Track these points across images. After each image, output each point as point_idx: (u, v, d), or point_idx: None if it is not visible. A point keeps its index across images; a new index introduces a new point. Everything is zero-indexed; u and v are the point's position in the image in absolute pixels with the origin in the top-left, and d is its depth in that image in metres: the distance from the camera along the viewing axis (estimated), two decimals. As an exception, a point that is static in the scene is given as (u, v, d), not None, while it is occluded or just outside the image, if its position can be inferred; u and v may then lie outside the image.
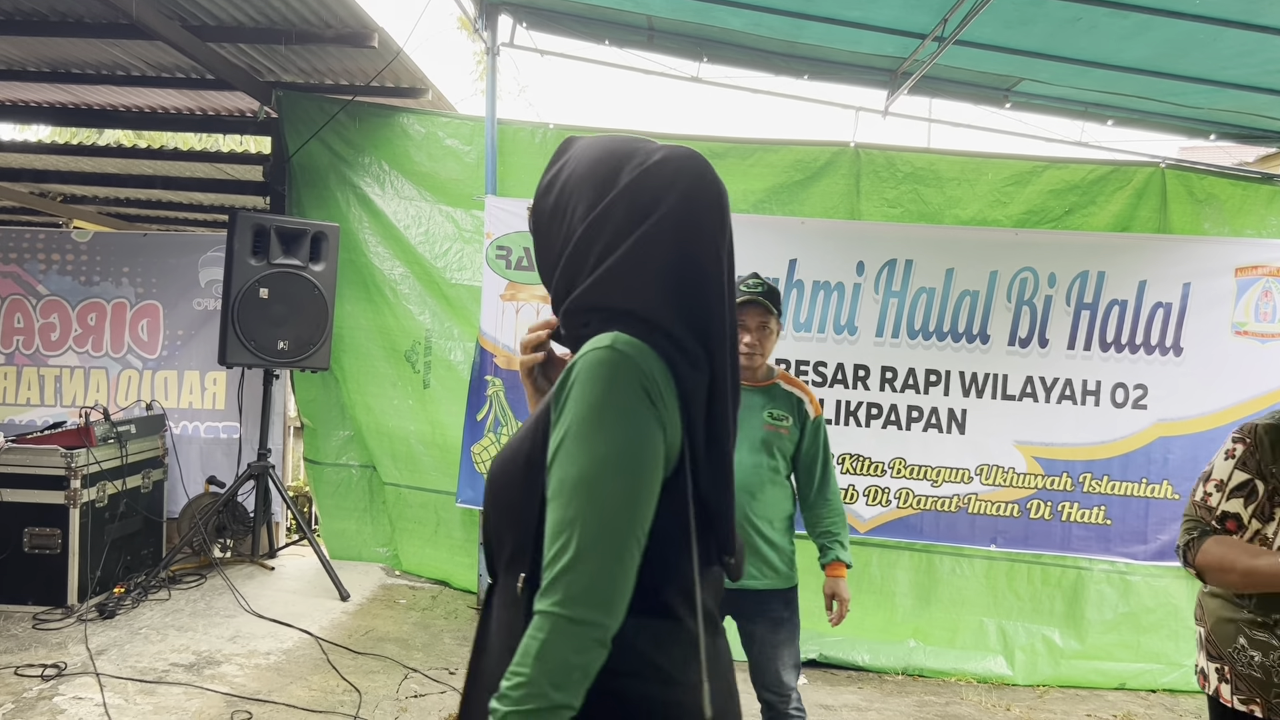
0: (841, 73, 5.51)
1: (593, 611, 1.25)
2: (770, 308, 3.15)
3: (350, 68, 5.71)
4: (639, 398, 1.30)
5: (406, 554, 5.90)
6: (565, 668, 1.24)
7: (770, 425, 3.21)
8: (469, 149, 5.65)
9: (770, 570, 3.21)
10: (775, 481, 3.24)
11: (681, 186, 1.42)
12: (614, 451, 1.28)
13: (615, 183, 1.41)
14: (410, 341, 5.71)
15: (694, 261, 1.39)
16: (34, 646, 4.35)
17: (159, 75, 5.99)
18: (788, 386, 3.30)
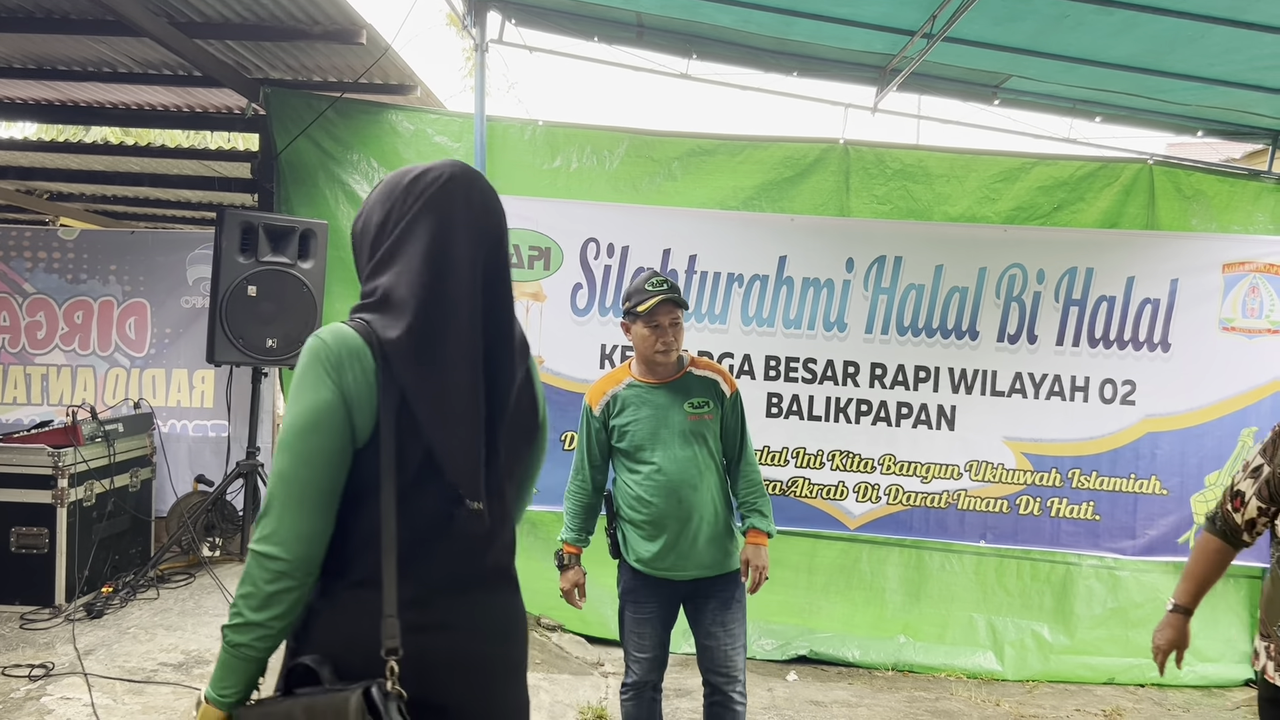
0: (830, 69, 5.51)
1: (275, 548, 1.55)
2: (680, 302, 3.24)
3: (339, 64, 5.68)
4: (317, 374, 1.58)
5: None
6: (259, 593, 1.56)
7: (694, 415, 3.29)
8: (458, 146, 5.64)
9: (720, 555, 3.32)
10: (710, 467, 3.34)
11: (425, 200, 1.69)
12: (294, 419, 1.58)
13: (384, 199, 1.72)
14: (399, 339, 5.69)
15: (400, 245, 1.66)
16: (21, 647, 4.32)
17: (146, 72, 5.96)
18: (700, 371, 3.39)
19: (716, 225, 5.49)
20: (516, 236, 5.40)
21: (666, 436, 3.27)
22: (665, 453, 3.27)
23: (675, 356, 3.30)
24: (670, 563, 3.29)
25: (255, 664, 1.62)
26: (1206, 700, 5.34)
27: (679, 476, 3.26)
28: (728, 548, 3.35)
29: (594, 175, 5.60)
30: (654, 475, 3.26)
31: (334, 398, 1.58)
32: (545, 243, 5.42)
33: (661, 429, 3.28)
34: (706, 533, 3.29)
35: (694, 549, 3.27)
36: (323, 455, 1.58)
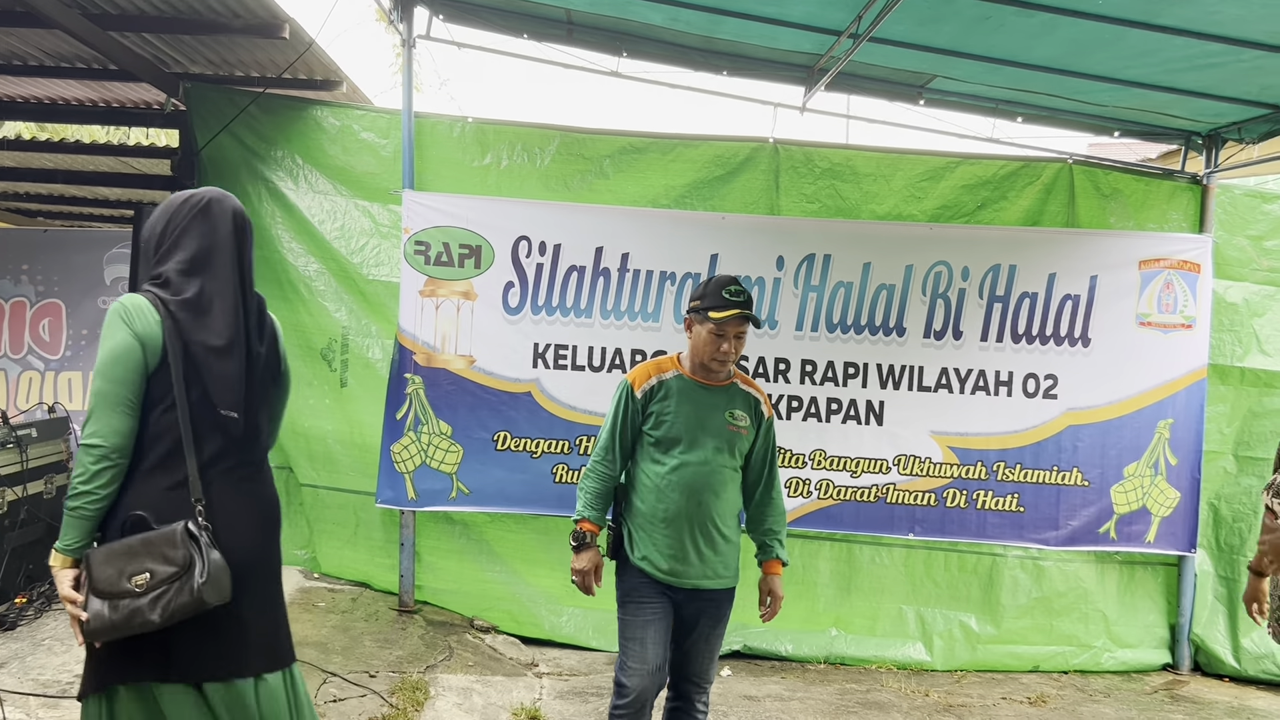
0: (760, 69, 5.55)
1: (97, 440, 2.29)
2: (753, 319, 3.22)
3: (261, 59, 5.56)
4: (117, 324, 2.35)
5: (325, 556, 5.78)
6: (87, 472, 2.29)
7: (732, 426, 3.25)
8: (385, 142, 5.55)
9: (725, 570, 3.29)
10: (734, 480, 3.32)
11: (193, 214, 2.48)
12: (104, 354, 2.35)
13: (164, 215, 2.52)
14: (326, 339, 5.59)
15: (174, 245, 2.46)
16: (-71, 662, 4.15)
17: (59, 65, 5.77)
18: (745, 387, 3.37)
19: (649, 223, 5.49)
20: (445, 235, 5.34)
21: (703, 437, 3.22)
22: (697, 452, 3.21)
23: (730, 368, 3.29)
24: (677, 568, 3.20)
25: (90, 521, 2.32)
26: (1126, 685, 5.50)
27: (704, 478, 3.21)
28: (733, 563, 3.32)
29: (525, 173, 5.56)
30: (680, 470, 3.20)
31: (130, 339, 2.34)
32: (476, 240, 5.36)
33: (700, 428, 3.22)
34: (719, 544, 3.24)
35: (701, 557, 3.21)
36: (124, 377, 2.34)
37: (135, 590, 2.26)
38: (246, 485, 2.48)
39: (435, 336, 5.36)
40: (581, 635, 5.47)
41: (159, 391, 2.36)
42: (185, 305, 2.40)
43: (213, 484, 2.39)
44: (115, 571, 2.27)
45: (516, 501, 5.40)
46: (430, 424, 5.37)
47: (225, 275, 2.46)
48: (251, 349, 2.48)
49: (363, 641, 4.90)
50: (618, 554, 3.33)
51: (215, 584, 2.28)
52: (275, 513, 2.56)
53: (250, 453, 2.50)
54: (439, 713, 4.19)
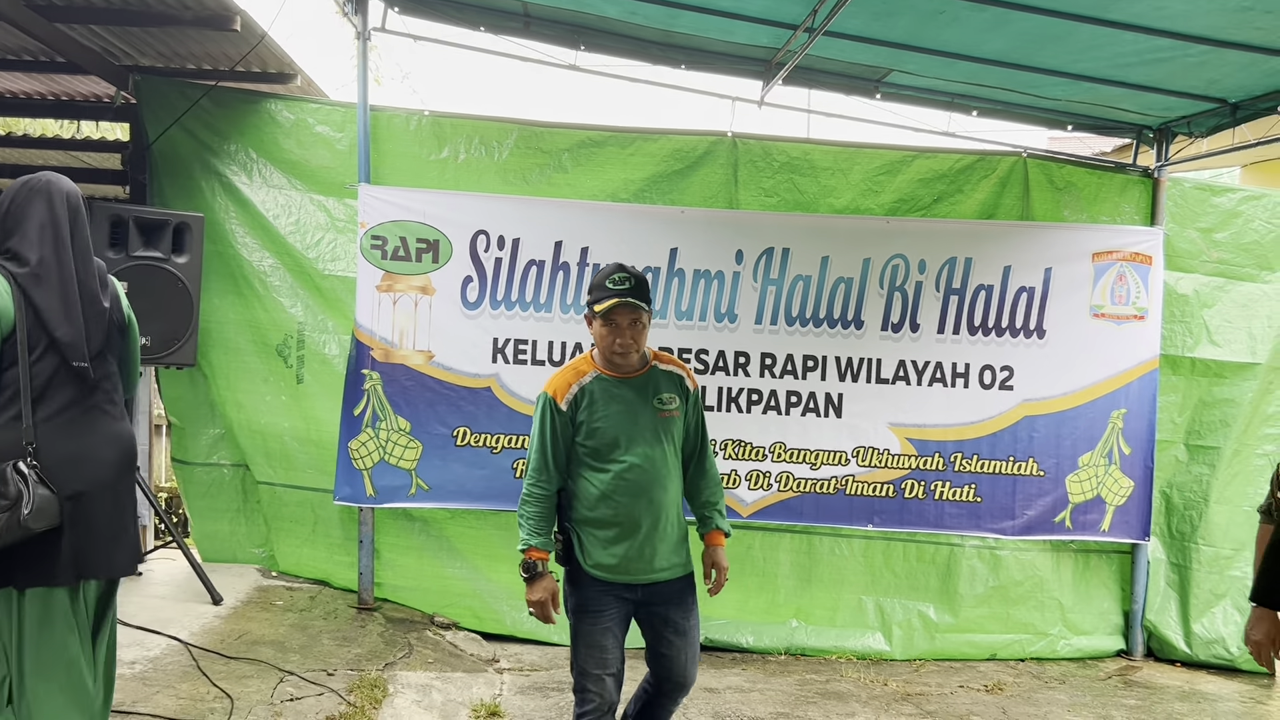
0: (717, 62, 5.55)
1: None
2: (638, 304, 3.12)
3: (213, 52, 5.47)
4: None
5: (283, 554, 5.72)
6: None
7: (663, 412, 3.23)
8: (341, 136, 5.49)
9: (678, 556, 3.25)
10: (676, 468, 3.27)
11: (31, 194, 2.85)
12: None
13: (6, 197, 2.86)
14: (282, 335, 5.52)
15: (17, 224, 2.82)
16: None
17: (5, 58, 5.64)
18: (665, 366, 3.30)
19: (608, 217, 5.48)
20: (402, 229, 5.29)
21: (638, 434, 3.16)
22: (638, 451, 3.14)
23: (636, 357, 3.19)
24: (632, 566, 3.15)
25: None
26: (1081, 672, 5.58)
27: (651, 476, 3.15)
28: (686, 550, 3.28)
29: (483, 166, 5.53)
30: (625, 475, 3.13)
31: None
32: (433, 235, 5.32)
33: (633, 426, 3.16)
34: (672, 535, 3.20)
35: (657, 552, 3.16)
36: None
37: None
38: (102, 425, 2.88)
39: (393, 332, 5.32)
40: (542, 630, 5.44)
41: (8, 354, 2.73)
42: (30, 276, 2.77)
43: (63, 427, 2.79)
44: None
45: (477, 497, 5.38)
46: (388, 420, 5.33)
47: (62, 247, 2.84)
48: (91, 306, 2.85)
49: (321, 640, 4.86)
50: (569, 561, 3.25)
51: (40, 513, 2.70)
52: (129, 447, 2.97)
53: (97, 395, 2.88)
54: (398, 710, 4.16)
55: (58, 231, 2.84)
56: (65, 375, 2.78)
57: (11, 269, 2.77)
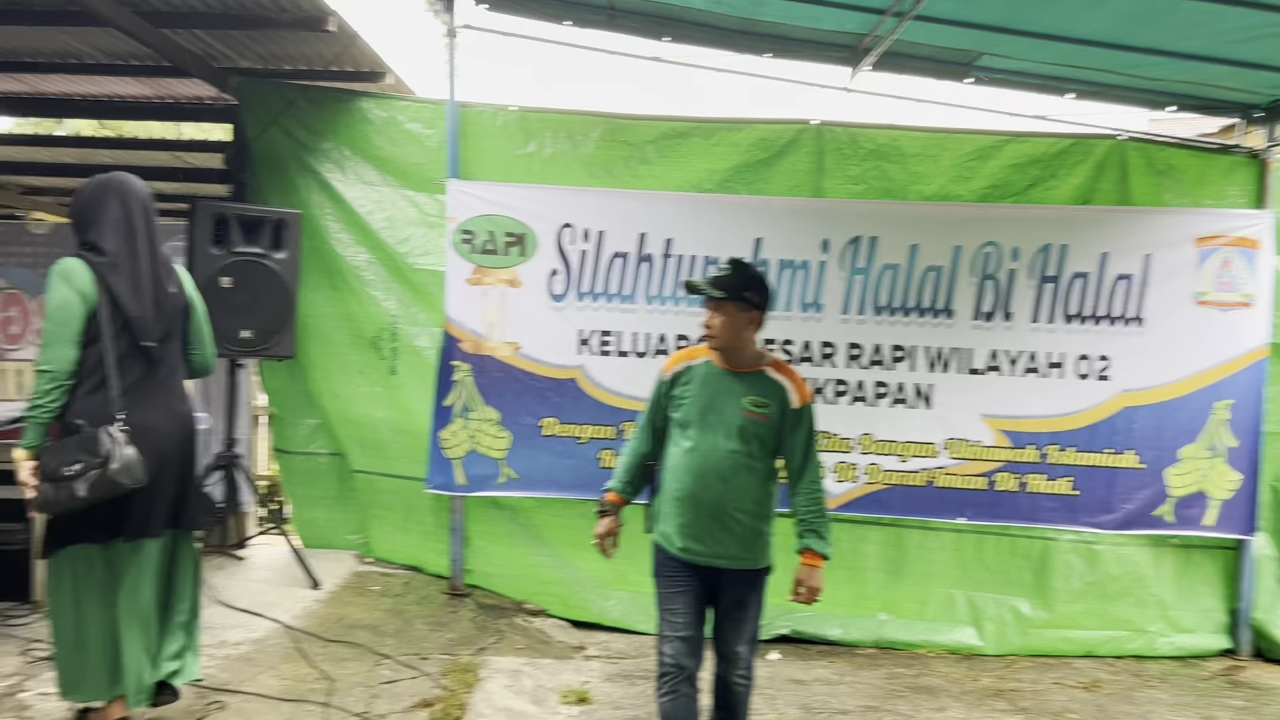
0: (803, 50, 5.49)
1: (46, 366, 3.12)
2: (715, 297, 3.25)
3: (308, 52, 5.64)
4: (59, 282, 3.16)
5: (378, 541, 5.89)
6: (42, 390, 3.12)
7: (748, 412, 3.25)
8: (431, 132, 5.60)
9: (743, 552, 3.31)
10: (750, 467, 3.29)
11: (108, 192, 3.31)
12: (51, 305, 3.14)
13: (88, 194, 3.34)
14: (376, 328, 5.67)
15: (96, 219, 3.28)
16: (1, 642, 4.31)
17: (114, 63, 5.90)
18: (775, 375, 3.33)
19: (692, 208, 5.48)
20: (491, 223, 5.38)
21: (714, 422, 3.27)
22: (705, 436, 3.27)
23: (721, 345, 3.29)
24: (691, 546, 3.29)
25: (44, 427, 3.16)
26: (1183, 670, 5.40)
27: (710, 463, 3.26)
28: (753, 548, 3.33)
29: (568, 160, 5.58)
30: (690, 453, 3.29)
31: (70, 293, 3.15)
32: (520, 229, 5.40)
33: (711, 412, 3.28)
34: (738, 530, 3.28)
35: (712, 538, 3.27)
36: (67, 320, 3.14)
37: (69, 475, 3.09)
38: (161, 400, 3.31)
39: (482, 324, 5.41)
40: (630, 619, 5.50)
41: (94, 331, 3.16)
42: (108, 265, 3.20)
43: (134, 399, 3.20)
44: (56, 462, 3.10)
45: (563, 486, 5.45)
46: (478, 410, 5.43)
47: (134, 239, 3.25)
48: (160, 292, 3.30)
49: (415, 625, 4.99)
50: (650, 529, 3.47)
51: (127, 470, 3.10)
52: (190, 422, 3.43)
53: (168, 373, 3.35)
54: (489, 694, 4.25)
55: (130, 226, 3.26)
56: (135, 353, 3.23)
57: (91, 258, 3.19)
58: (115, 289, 3.19)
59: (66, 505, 3.11)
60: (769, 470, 3.34)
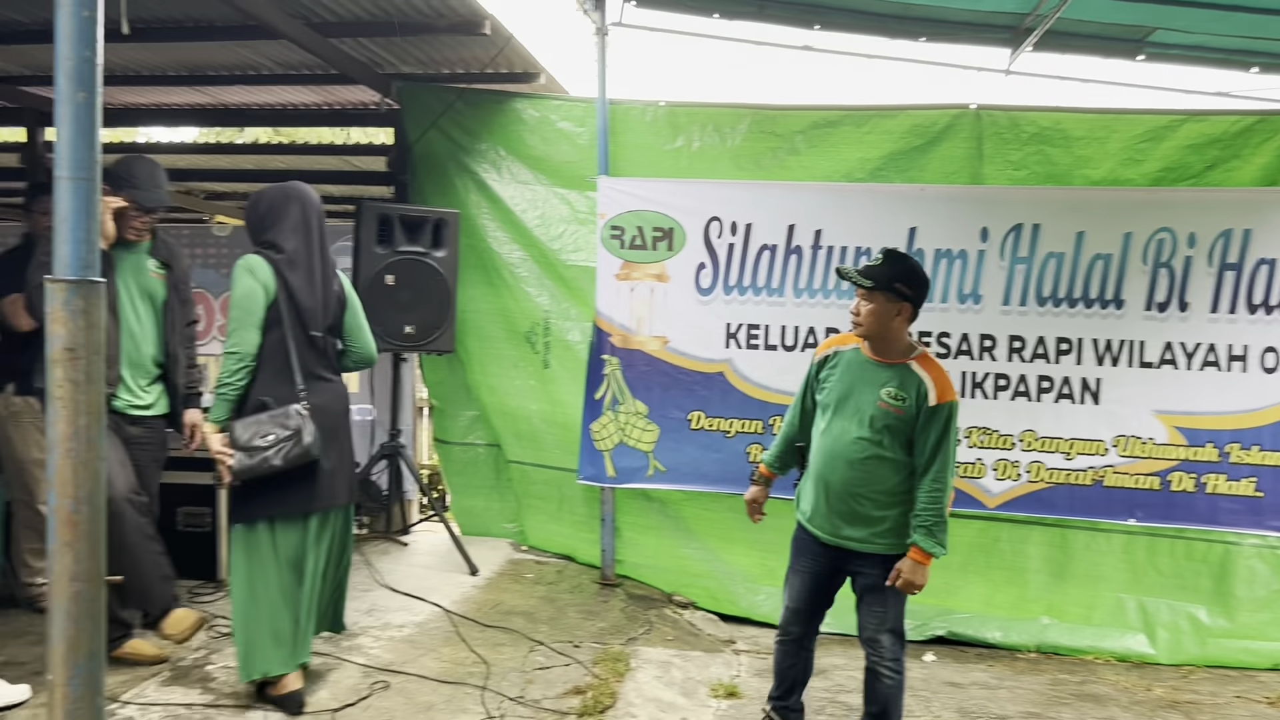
0: (960, 32, 5.31)
1: (235, 349, 3.50)
2: (864, 285, 3.32)
3: (465, 56, 5.82)
4: (244, 274, 3.52)
5: (532, 529, 6.05)
6: (229, 371, 3.49)
7: (883, 403, 3.30)
8: (582, 130, 5.70)
9: (873, 537, 3.40)
10: (880, 457, 3.32)
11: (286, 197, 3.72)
12: (238, 295, 3.51)
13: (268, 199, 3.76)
14: (530, 323, 5.82)
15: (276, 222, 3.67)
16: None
17: (288, 73, 6.24)
18: (919, 368, 3.33)
19: (842, 198, 5.38)
20: (639, 219, 5.43)
21: (850, 408, 3.38)
22: (839, 421, 3.40)
23: (868, 333, 3.38)
24: (822, 523, 3.46)
25: (232, 403, 3.53)
26: (1386, 690, 4.96)
27: (839, 447, 3.38)
28: (882, 533, 3.38)
29: (716, 153, 5.58)
30: (824, 435, 3.45)
31: (254, 284, 3.52)
32: (668, 223, 5.43)
33: (849, 399, 3.39)
34: (859, 512, 3.38)
35: (840, 518, 3.41)
36: (251, 308, 3.51)
37: (263, 446, 3.45)
38: (327, 384, 3.70)
39: (630, 318, 5.48)
40: (779, 614, 5.44)
41: (273, 319, 3.53)
42: (286, 262, 3.58)
43: (308, 381, 3.59)
44: (250, 434, 3.47)
45: (711, 480, 5.45)
46: (627, 403, 5.50)
47: (309, 241, 3.64)
48: (328, 290, 3.68)
49: (567, 613, 5.10)
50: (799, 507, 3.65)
51: (316, 443, 3.50)
52: (346, 402, 3.81)
53: (330, 360, 3.74)
54: (639, 684, 4.30)
55: (307, 229, 3.66)
56: (305, 342, 3.61)
57: (271, 255, 3.58)
58: (292, 283, 3.56)
59: (261, 473, 3.45)
60: (903, 461, 3.34)
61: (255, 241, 3.71)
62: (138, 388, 4.00)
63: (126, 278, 3.96)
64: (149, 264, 4.05)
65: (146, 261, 4.04)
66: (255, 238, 3.72)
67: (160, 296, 4.08)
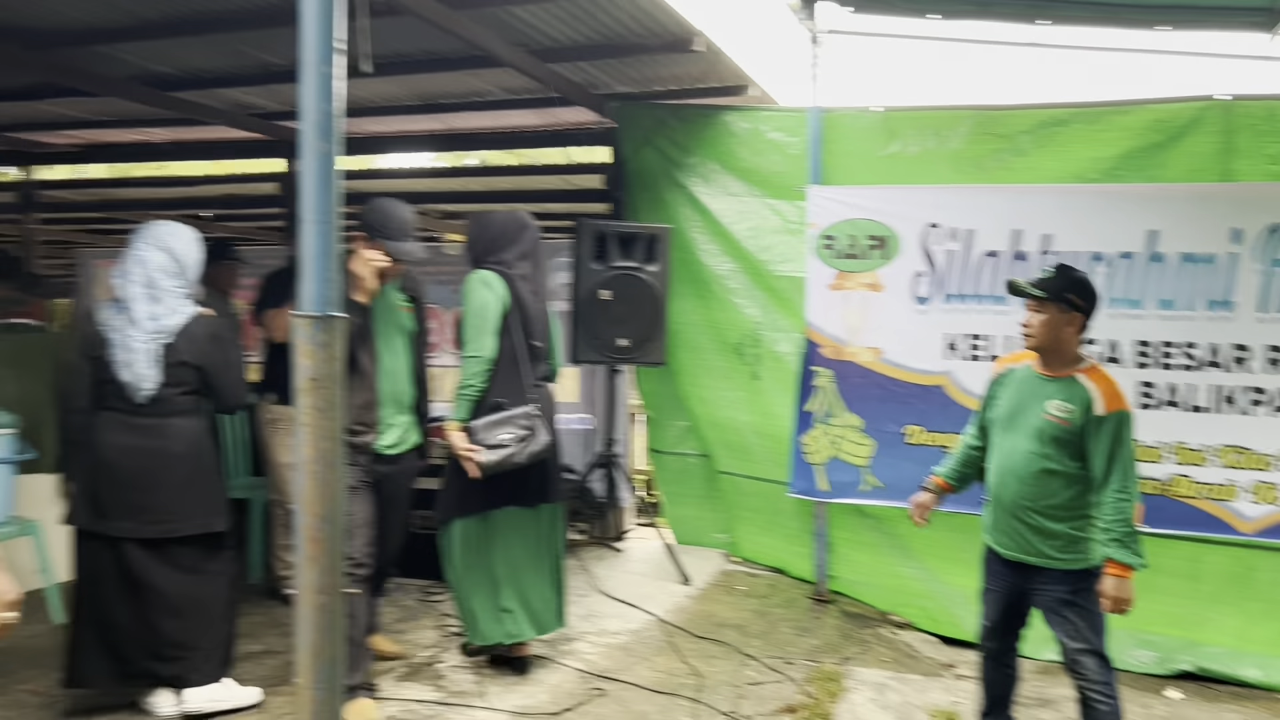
0: (1206, 18, 4.88)
1: (476, 353, 3.92)
2: (1033, 295, 3.36)
3: (677, 72, 5.92)
4: (482, 286, 3.95)
5: (744, 541, 6.05)
6: (470, 374, 3.92)
7: (1049, 415, 3.33)
8: (793, 140, 5.66)
9: (1042, 551, 3.39)
10: (1051, 470, 3.33)
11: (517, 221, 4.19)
12: (478, 306, 3.94)
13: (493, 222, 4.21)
14: (739, 334, 5.84)
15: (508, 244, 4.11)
16: (421, 616, 4.95)
17: (511, 98, 6.56)
18: (1085, 380, 3.34)
19: (1073, 201, 5.07)
20: (853, 227, 5.33)
21: (1019, 423, 3.41)
22: (1008, 437, 3.45)
23: (1039, 345, 3.39)
24: (1002, 539, 3.50)
25: (474, 404, 3.89)
26: None
27: (1009, 463, 3.43)
28: (1061, 548, 3.37)
29: (934, 157, 5.39)
30: (994, 451, 3.52)
31: (491, 296, 3.91)
32: (882, 231, 5.29)
33: (1018, 414, 3.42)
34: (1033, 526, 3.39)
35: (1016, 534, 3.43)
36: (489, 317, 3.89)
37: (506, 443, 3.84)
38: (543, 389, 4.11)
39: (843, 329, 5.38)
40: (1003, 639, 5.20)
41: (504, 329, 3.91)
42: (518, 278, 4.00)
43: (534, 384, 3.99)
44: (492, 433, 3.84)
45: (931, 497, 5.25)
46: (840, 416, 5.40)
47: (535, 262, 4.11)
48: (543, 306, 4.12)
49: (779, 628, 5.06)
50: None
51: (550, 441, 3.94)
52: (554, 406, 4.20)
53: (544, 367, 4.18)
54: (854, 706, 4.21)
55: (534, 251, 4.12)
56: (531, 349, 4.00)
57: (506, 272, 3.98)
58: (523, 298, 3.98)
59: (505, 468, 3.85)
60: (1075, 474, 3.33)
61: (481, 259, 4.05)
62: (395, 424, 3.94)
63: (379, 317, 3.90)
64: (398, 299, 4.01)
65: (396, 297, 4.00)
66: (482, 256, 4.06)
67: (410, 329, 4.04)
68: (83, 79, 5.77)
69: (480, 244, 4.09)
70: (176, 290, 3.57)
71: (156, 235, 3.60)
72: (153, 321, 3.49)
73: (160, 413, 3.53)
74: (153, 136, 7.73)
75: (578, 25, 5.16)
